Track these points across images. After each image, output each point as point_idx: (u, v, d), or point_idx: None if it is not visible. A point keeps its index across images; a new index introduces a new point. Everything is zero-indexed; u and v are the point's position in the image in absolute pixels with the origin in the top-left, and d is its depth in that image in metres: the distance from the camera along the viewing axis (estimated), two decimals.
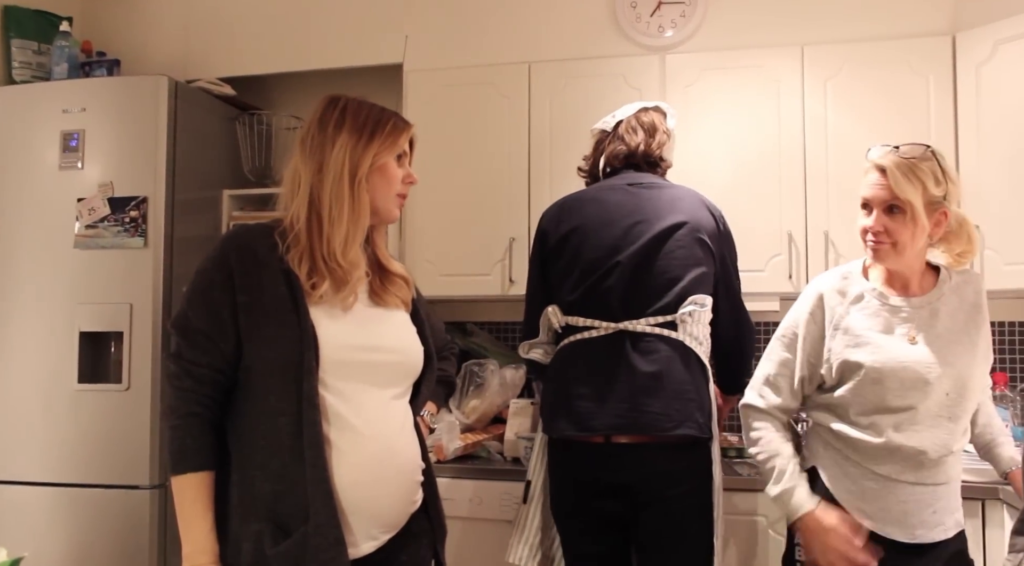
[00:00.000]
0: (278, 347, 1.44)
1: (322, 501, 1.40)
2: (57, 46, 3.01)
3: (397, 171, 1.59)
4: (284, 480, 1.42)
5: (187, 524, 1.44)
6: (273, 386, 1.44)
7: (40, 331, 2.77)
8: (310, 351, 1.44)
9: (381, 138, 1.55)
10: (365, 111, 1.57)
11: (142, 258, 2.73)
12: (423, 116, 2.95)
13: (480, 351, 3.05)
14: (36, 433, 2.74)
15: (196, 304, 1.47)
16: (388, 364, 1.55)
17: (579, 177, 2.37)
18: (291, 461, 1.42)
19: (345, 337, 1.50)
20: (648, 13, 2.87)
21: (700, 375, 1.99)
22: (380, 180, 1.56)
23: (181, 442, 1.45)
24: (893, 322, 1.75)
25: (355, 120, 1.55)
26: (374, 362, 1.52)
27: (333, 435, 1.45)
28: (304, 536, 1.39)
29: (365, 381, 1.51)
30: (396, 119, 1.60)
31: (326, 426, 1.45)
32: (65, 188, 2.80)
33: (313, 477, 1.40)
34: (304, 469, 1.41)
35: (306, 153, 1.55)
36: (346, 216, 1.50)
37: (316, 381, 1.44)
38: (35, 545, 2.64)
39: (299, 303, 1.46)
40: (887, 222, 1.71)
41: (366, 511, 1.48)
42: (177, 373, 1.46)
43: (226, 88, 3.16)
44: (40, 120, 2.84)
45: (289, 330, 1.44)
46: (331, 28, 3.17)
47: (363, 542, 1.48)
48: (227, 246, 1.50)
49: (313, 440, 1.41)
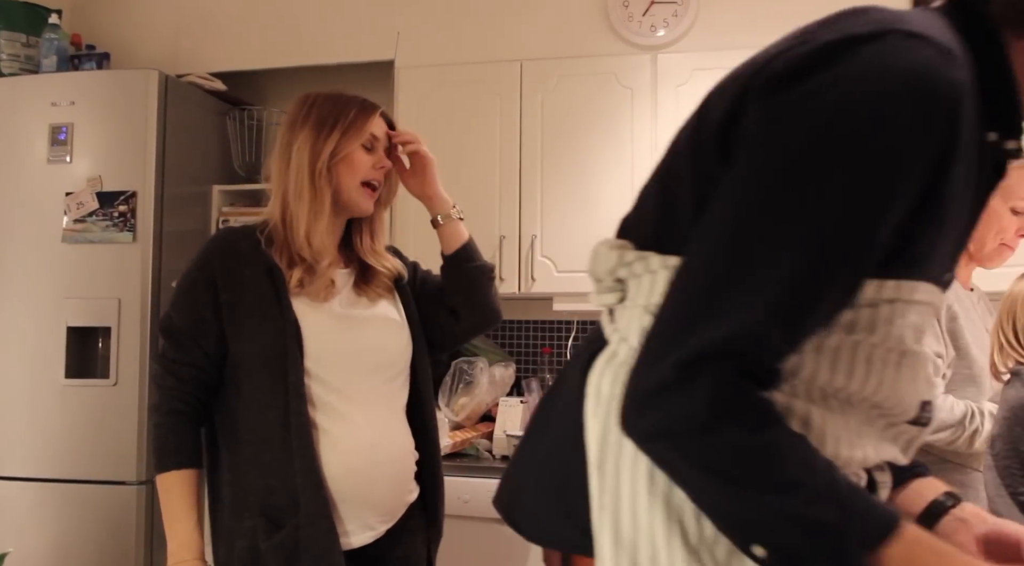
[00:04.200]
0: (262, 340, 1.45)
1: (312, 491, 1.41)
2: (46, 39, 2.99)
3: (364, 159, 1.58)
4: (275, 473, 1.43)
5: (172, 521, 1.45)
6: (260, 380, 1.45)
7: (27, 326, 2.75)
8: (294, 343, 1.45)
9: (342, 128, 1.55)
10: (330, 104, 1.57)
11: (131, 253, 2.72)
12: (414, 113, 2.95)
13: (470, 349, 3.05)
14: (23, 428, 2.73)
15: (179, 305, 1.50)
16: (372, 354, 1.56)
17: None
18: (281, 453, 1.42)
19: (328, 327, 1.51)
20: (640, 12, 2.87)
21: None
22: (343, 170, 1.56)
23: (164, 440, 1.46)
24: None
25: (319, 114, 1.56)
26: (358, 351, 1.54)
27: (324, 423, 1.46)
28: (296, 528, 1.40)
29: (351, 370, 1.52)
30: (359, 107, 1.58)
31: (316, 415, 1.46)
32: (53, 182, 2.78)
33: (302, 467, 1.41)
34: (294, 460, 1.41)
35: (277, 153, 1.57)
36: (306, 208, 1.52)
37: (302, 372, 1.45)
38: (21, 541, 2.63)
39: (282, 297, 1.47)
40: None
41: (360, 499, 1.48)
42: (160, 372, 1.49)
43: (217, 83, 3.15)
44: (28, 113, 2.82)
45: (272, 323, 1.46)
46: (323, 24, 3.16)
47: (360, 532, 1.49)
48: (211, 247, 1.53)
49: (301, 430, 1.42)
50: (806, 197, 0.70)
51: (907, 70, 0.69)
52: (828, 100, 0.71)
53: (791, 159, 0.71)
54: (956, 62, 0.71)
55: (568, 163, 2.85)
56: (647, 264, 0.84)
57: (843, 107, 0.70)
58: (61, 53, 3.00)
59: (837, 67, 0.71)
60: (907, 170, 0.70)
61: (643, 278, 0.84)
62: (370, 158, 1.59)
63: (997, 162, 0.83)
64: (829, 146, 0.70)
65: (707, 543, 0.77)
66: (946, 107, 0.69)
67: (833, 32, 0.74)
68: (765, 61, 0.77)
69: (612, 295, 0.88)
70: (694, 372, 0.70)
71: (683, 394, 0.70)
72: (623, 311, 0.86)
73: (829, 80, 0.71)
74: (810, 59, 0.73)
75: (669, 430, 0.71)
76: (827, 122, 0.70)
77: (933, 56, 0.70)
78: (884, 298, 0.76)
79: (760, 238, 0.71)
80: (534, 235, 2.86)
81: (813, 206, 0.70)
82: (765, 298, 0.70)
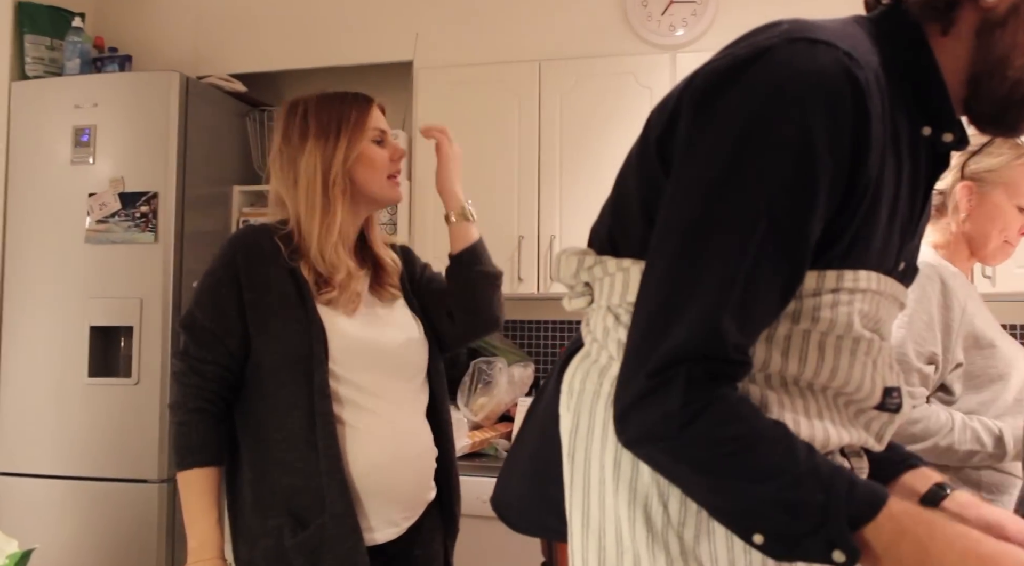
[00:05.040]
0: (287, 340, 1.45)
1: (338, 491, 1.42)
2: (69, 42, 3.02)
3: (379, 153, 1.57)
4: (301, 473, 1.43)
5: (192, 519, 1.45)
6: (285, 380, 1.45)
7: (51, 325, 2.79)
8: (319, 343, 1.45)
9: (347, 132, 1.54)
10: (326, 110, 1.55)
11: (152, 253, 2.74)
12: (433, 113, 2.95)
13: (488, 349, 3.05)
14: (47, 426, 2.76)
15: (203, 303, 1.49)
16: (395, 354, 1.56)
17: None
18: (306, 453, 1.43)
19: (352, 329, 1.51)
20: (659, 12, 2.86)
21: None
22: (364, 169, 1.55)
23: (187, 438, 1.46)
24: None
25: (318, 123, 1.54)
26: (382, 351, 1.54)
27: (350, 419, 1.47)
28: (321, 527, 1.41)
29: (376, 370, 1.52)
30: (356, 106, 1.57)
31: (342, 411, 1.47)
32: (76, 183, 2.81)
33: (327, 467, 1.42)
34: (319, 460, 1.42)
35: (278, 169, 1.55)
36: (317, 223, 1.51)
37: (327, 372, 1.45)
38: (45, 537, 2.65)
39: (306, 298, 1.47)
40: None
41: (384, 494, 1.49)
42: (184, 370, 1.48)
43: (237, 84, 3.17)
44: (52, 115, 2.86)
45: (297, 324, 1.46)
46: (342, 25, 3.17)
47: (384, 528, 1.50)
48: (234, 244, 1.52)
49: (326, 430, 1.43)
50: (734, 201, 0.76)
51: (811, 72, 0.75)
52: (742, 109, 0.77)
53: (717, 168, 0.77)
54: (858, 63, 0.77)
55: (587, 163, 2.84)
56: (605, 267, 0.90)
57: (755, 114, 0.76)
58: (84, 56, 3.03)
59: (747, 77, 0.78)
60: (822, 164, 0.75)
61: (603, 281, 0.90)
62: (384, 151, 1.59)
63: (939, 154, 0.90)
64: (748, 151, 0.76)
65: (673, 527, 0.82)
66: (851, 104, 0.75)
67: (745, 47, 0.81)
68: (692, 77, 0.85)
69: (582, 299, 0.94)
70: (665, 379, 0.76)
71: (658, 399, 0.76)
72: (593, 314, 0.92)
73: (741, 91, 0.78)
74: (725, 74, 0.80)
75: (651, 433, 0.77)
76: (743, 129, 0.76)
77: (837, 59, 0.76)
78: (826, 288, 0.81)
79: (700, 246, 0.77)
80: (553, 235, 2.86)
81: (742, 209, 0.76)
82: (713, 299, 0.75)
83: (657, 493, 0.82)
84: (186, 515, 1.46)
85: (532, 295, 2.90)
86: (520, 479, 0.99)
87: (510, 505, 1.00)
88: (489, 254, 1.70)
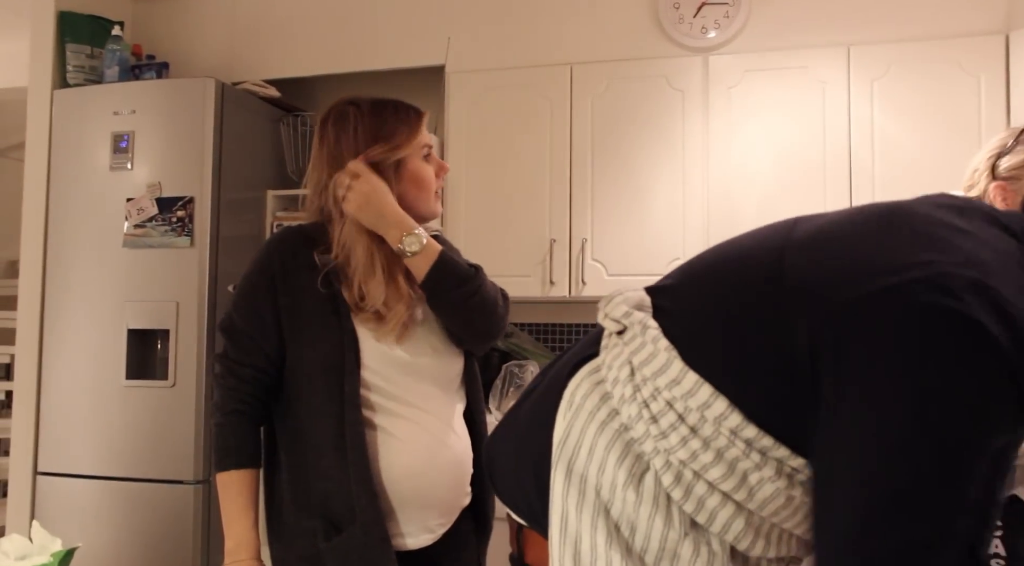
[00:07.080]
0: (320, 348, 1.46)
1: (368, 500, 1.41)
2: (109, 50, 3.08)
3: (428, 171, 1.55)
4: (334, 479, 1.43)
5: (230, 520, 1.46)
6: (317, 387, 1.46)
7: (90, 328, 2.84)
8: (352, 352, 1.45)
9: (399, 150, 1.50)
10: (377, 119, 1.50)
11: (188, 257, 2.78)
12: (465, 117, 2.97)
13: (520, 352, 3.05)
14: (86, 427, 2.81)
15: (240, 306, 1.50)
16: (430, 363, 1.55)
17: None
18: (337, 460, 1.43)
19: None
20: (691, 14, 2.85)
21: None
22: (413, 188, 1.53)
23: (225, 439, 1.47)
24: None
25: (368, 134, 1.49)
26: (417, 361, 1.52)
27: (385, 424, 1.46)
28: (352, 535, 1.41)
29: (411, 377, 1.50)
30: (407, 125, 1.52)
31: (376, 418, 1.46)
32: (115, 188, 2.86)
33: (357, 477, 1.42)
34: (349, 469, 1.42)
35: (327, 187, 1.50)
36: (362, 263, 1.47)
37: (358, 382, 1.45)
38: (83, 536, 2.70)
39: (340, 305, 1.47)
40: None
41: (419, 501, 1.48)
42: (222, 372, 1.49)
43: (271, 90, 3.21)
44: (92, 122, 2.91)
45: (330, 332, 1.46)
46: (374, 30, 3.20)
47: (419, 534, 1.49)
48: (271, 248, 1.52)
49: (355, 440, 1.42)
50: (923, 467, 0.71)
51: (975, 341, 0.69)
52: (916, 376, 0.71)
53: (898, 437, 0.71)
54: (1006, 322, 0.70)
55: (619, 166, 2.84)
56: (652, 338, 0.86)
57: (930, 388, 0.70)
58: (123, 63, 3.09)
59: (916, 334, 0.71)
60: (996, 422, 0.70)
61: (637, 339, 0.87)
62: (431, 167, 1.56)
63: None
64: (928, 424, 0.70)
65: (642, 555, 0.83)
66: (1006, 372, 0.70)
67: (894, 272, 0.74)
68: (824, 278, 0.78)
69: (615, 325, 0.92)
70: None
71: None
72: (617, 343, 0.91)
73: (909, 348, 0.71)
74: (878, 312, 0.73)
75: None
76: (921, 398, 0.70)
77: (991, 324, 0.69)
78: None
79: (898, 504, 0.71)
80: (584, 239, 2.85)
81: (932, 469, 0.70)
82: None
83: (626, 519, 0.84)
84: (224, 516, 1.47)
85: (564, 298, 2.90)
86: (507, 457, 1.02)
87: (496, 466, 1.04)
88: (454, 265, 1.53)
